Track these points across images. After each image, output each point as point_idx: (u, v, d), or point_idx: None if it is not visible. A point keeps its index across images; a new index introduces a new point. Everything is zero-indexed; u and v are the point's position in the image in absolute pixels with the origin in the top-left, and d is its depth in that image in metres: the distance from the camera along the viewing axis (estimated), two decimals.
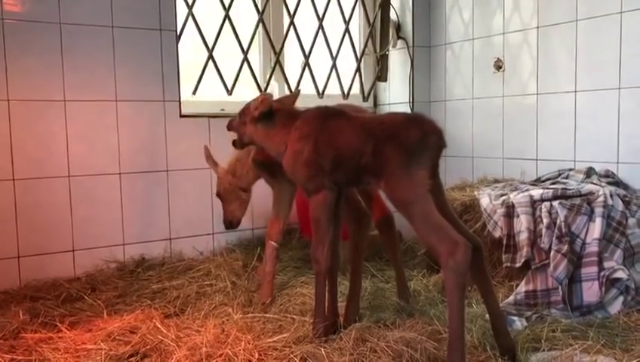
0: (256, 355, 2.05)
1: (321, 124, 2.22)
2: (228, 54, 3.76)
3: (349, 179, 2.18)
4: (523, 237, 2.67)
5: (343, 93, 4.15)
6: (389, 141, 2.00)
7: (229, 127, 2.53)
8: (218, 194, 3.00)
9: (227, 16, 3.62)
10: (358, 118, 2.24)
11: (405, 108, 4.15)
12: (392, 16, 4.23)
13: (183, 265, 3.30)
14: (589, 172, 3.07)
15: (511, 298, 2.61)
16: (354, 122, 2.18)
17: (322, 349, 2.04)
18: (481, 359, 2.03)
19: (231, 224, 3.00)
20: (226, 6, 3.62)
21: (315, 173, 2.19)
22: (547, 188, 2.86)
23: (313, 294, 2.39)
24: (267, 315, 2.53)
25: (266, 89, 3.84)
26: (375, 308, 2.64)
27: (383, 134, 2.03)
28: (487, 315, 2.14)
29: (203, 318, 2.52)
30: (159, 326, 2.34)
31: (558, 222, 2.60)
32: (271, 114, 2.36)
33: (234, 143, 2.55)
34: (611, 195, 2.68)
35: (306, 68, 3.96)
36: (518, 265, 2.70)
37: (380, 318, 2.44)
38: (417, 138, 1.98)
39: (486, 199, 2.95)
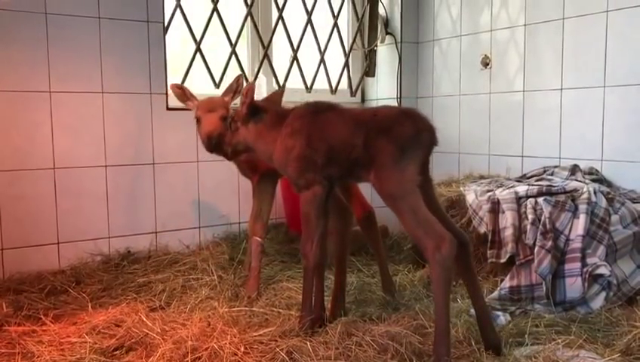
0: (242, 349, 2.05)
1: (313, 118, 2.23)
2: (216, 47, 3.74)
3: (342, 173, 2.18)
4: (508, 233, 2.70)
5: (331, 87, 4.15)
6: (381, 134, 2.00)
7: (221, 143, 2.49)
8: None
9: (215, 9, 3.60)
10: (350, 111, 2.24)
11: (393, 104, 4.15)
12: (381, 11, 4.23)
13: (169, 258, 3.28)
14: (574, 169, 3.10)
15: (495, 293, 2.63)
16: (345, 115, 2.19)
17: (308, 343, 2.04)
18: (465, 353, 2.05)
19: (209, 139, 2.64)
20: None
21: (306, 168, 2.19)
22: (532, 185, 2.88)
23: (300, 288, 2.39)
24: (253, 309, 2.53)
25: (253, 82, 3.81)
26: (361, 303, 2.65)
27: (375, 127, 2.03)
28: (473, 310, 2.16)
29: (189, 312, 2.52)
30: (144, 319, 2.33)
31: (542, 218, 2.62)
32: (257, 110, 2.35)
33: (226, 155, 2.54)
34: (595, 192, 2.70)
35: (294, 62, 3.95)
36: (502, 260, 2.72)
37: (365, 312, 2.45)
38: (411, 133, 1.99)
39: (472, 195, 2.97)
